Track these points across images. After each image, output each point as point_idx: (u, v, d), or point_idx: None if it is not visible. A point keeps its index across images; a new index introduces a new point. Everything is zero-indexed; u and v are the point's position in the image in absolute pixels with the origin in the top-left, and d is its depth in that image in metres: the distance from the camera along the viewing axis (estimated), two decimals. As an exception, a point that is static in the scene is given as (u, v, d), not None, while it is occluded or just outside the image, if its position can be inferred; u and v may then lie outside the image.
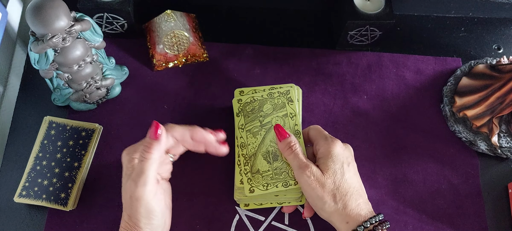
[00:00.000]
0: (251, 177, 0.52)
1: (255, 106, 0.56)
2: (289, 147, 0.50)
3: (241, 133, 0.54)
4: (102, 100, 0.61)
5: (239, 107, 0.56)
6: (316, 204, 0.49)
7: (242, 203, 0.54)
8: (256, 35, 0.68)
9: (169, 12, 0.62)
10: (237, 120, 0.55)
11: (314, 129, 0.54)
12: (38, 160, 0.56)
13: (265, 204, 0.54)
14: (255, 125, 0.54)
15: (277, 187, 0.50)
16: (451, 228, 0.56)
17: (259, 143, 0.53)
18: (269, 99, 0.56)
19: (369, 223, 0.46)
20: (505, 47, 0.70)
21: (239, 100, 0.56)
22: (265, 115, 0.55)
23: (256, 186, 0.51)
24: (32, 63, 0.51)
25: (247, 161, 0.53)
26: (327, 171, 0.48)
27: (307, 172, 0.48)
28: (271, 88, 0.57)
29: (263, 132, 0.54)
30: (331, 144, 0.50)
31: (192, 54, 0.64)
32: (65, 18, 0.48)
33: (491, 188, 0.59)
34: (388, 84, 0.65)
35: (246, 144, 0.54)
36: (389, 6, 0.62)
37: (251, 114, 0.55)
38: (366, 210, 0.48)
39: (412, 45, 0.69)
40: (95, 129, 0.58)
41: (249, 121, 0.55)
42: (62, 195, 0.54)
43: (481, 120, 0.59)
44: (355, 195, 0.48)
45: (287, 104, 0.55)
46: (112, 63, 0.60)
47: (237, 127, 0.55)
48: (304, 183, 0.48)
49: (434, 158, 0.60)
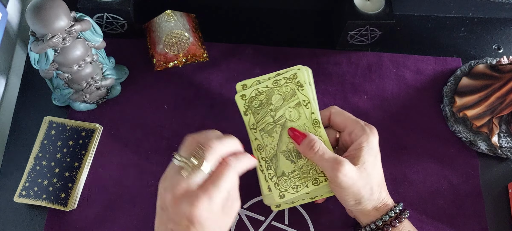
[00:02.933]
0: (277, 181, 0.47)
1: (262, 100, 0.49)
2: (311, 148, 0.46)
3: (254, 134, 0.49)
4: (102, 100, 0.61)
5: (245, 104, 0.49)
6: (350, 200, 0.46)
7: (273, 205, 0.51)
8: (256, 35, 0.68)
9: (169, 12, 0.62)
10: (247, 119, 0.49)
11: (339, 114, 0.49)
12: (38, 160, 0.56)
13: (297, 202, 0.51)
14: (268, 122, 0.49)
15: (308, 187, 0.47)
16: (451, 228, 0.56)
17: (277, 142, 0.48)
18: (276, 89, 0.49)
19: (393, 212, 0.46)
20: (505, 47, 0.69)
21: (243, 96, 0.50)
22: (276, 108, 0.49)
23: (286, 189, 0.47)
24: (32, 63, 0.51)
25: (268, 164, 0.48)
26: (363, 163, 0.45)
27: (341, 172, 0.43)
28: (276, 74, 0.50)
29: (278, 128, 0.48)
30: (371, 135, 0.46)
31: (192, 54, 0.64)
32: (65, 18, 0.48)
33: (491, 188, 0.59)
34: (388, 84, 0.65)
35: (263, 145, 0.48)
36: (389, 6, 0.62)
37: (260, 110, 0.49)
38: (389, 198, 0.48)
39: (412, 45, 0.69)
40: (95, 129, 0.58)
41: (259, 118, 0.49)
42: (62, 195, 0.54)
43: (481, 120, 0.59)
44: (383, 184, 0.48)
45: (297, 90, 0.49)
46: (112, 63, 0.60)
47: (248, 128, 0.49)
48: (339, 183, 0.44)
49: (434, 158, 0.60)
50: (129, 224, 0.54)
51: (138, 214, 0.55)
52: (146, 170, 0.57)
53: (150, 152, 0.59)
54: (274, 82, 0.50)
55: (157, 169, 0.57)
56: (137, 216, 0.55)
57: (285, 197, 0.47)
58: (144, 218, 0.55)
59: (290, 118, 0.49)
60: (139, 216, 0.55)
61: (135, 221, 0.55)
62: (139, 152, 0.59)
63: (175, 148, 0.59)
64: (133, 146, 0.59)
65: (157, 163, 0.58)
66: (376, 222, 0.46)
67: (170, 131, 0.60)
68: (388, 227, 0.46)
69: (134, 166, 0.58)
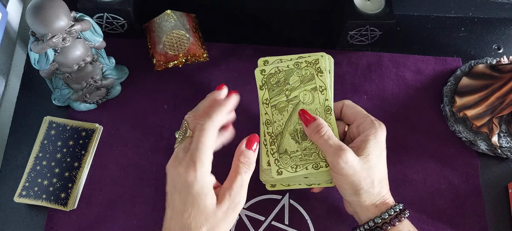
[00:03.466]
0: (278, 157, 0.48)
1: (280, 78, 0.50)
2: (317, 131, 0.46)
3: (265, 108, 0.49)
4: (102, 100, 0.61)
5: (263, 79, 0.50)
6: (348, 189, 0.46)
7: (268, 184, 0.52)
8: (256, 35, 0.68)
9: (169, 12, 0.62)
10: (261, 93, 0.50)
11: (351, 107, 0.50)
12: (38, 160, 0.56)
13: (293, 185, 0.51)
14: (281, 100, 0.49)
15: (307, 169, 0.47)
16: (451, 228, 0.56)
17: (286, 120, 0.49)
18: (296, 70, 0.50)
19: (393, 211, 0.46)
20: (505, 47, 0.70)
21: (262, 71, 0.51)
22: (292, 88, 0.50)
23: (285, 167, 0.47)
24: (32, 63, 0.51)
25: (273, 140, 0.48)
26: (367, 155, 0.45)
27: (342, 158, 0.44)
28: (299, 57, 0.51)
29: (290, 108, 0.49)
30: (379, 129, 0.47)
31: (192, 54, 0.64)
32: (65, 18, 0.48)
33: (491, 188, 0.59)
34: (388, 84, 0.65)
35: (272, 121, 0.49)
36: (389, 6, 0.62)
37: (276, 87, 0.50)
38: (390, 197, 0.48)
39: (412, 45, 0.69)
40: (95, 129, 0.58)
41: (274, 95, 0.50)
42: (62, 195, 0.54)
43: (481, 120, 0.59)
44: (386, 181, 0.48)
45: (316, 76, 0.50)
46: (112, 63, 0.60)
47: (261, 101, 0.50)
48: (340, 169, 0.45)
49: (434, 158, 0.60)
50: (129, 224, 0.54)
51: (138, 214, 0.55)
52: (146, 170, 0.57)
53: (150, 152, 0.59)
54: (295, 64, 0.51)
55: (157, 169, 0.57)
56: (137, 216, 0.55)
57: (283, 175, 0.47)
58: (144, 218, 0.55)
59: (304, 100, 0.49)
60: (139, 216, 0.55)
61: (135, 221, 0.55)
62: (139, 152, 0.59)
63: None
64: (133, 146, 0.59)
65: (157, 163, 0.58)
66: (375, 219, 0.46)
67: (170, 131, 0.60)
68: (387, 225, 0.46)
69: (134, 166, 0.58)
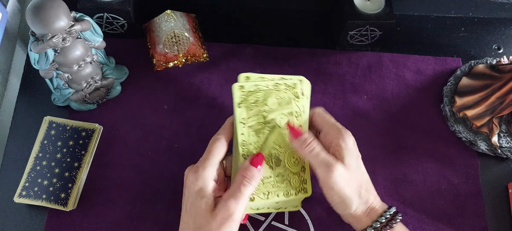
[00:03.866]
0: None
1: (259, 97, 0.48)
2: (306, 145, 0.45)
3: (242, 128, 0.47)
4: (102, 100, 0.61)
5: (242, 96, 0.48)
6: (340, 204, 0.45)
7: None
8: (256, 35, 0.68)
9: (169, 12, 0.62)
10: (239, 112, 0.48)
11: (319, 115, 0.49)
12: (38, 160, 0.56)
13: (262, 209, 0.50)
14: (259, 121, 0.48)
15: (278, 197, 0.46)
16: (451, 228, 0.56)
17: (262, 144, 0.47)
18: (275, 92, 0.49)
19: (384, 218, 0.45)
20: (505, 47, 0.69)
21: (241, 87, 0.48)
22: (270, 110, 0.48)
23: (257, 193, 0.46)
24: (32, 63, 0.51)
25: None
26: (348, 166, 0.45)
27: (336, 173, 0.43)
28: (280, 78, 0.50)
29: (267, 131, 0.47)
30: (346, 135, 0.46)
31: (192, 54, 0.64)
32: (65, 18, 0.48)
33: (491, 188, 0.59)
34: (388, 84, 0.65)
35: (247, 142, 0.47)
36: (389, 6, 0.62)
37: (254, 107, 0.48)
38: (378, 202, 0.47)
39: (412, 45, 0.69)
40: (95, 129, 0.58)
41: (251, 115, 0.48)
42: (62, 195, 0.54)
43: (481, 120, 0.59)
44: (370, 188, 0.47)
45: (293, 100, 0.49)
46: (112, 63, 0.60)
47: (238, 121, 0.47)
48: (333, 184, 0.44)
49: (434, 158, 0.60)
50: (129, 224, 0.54)
51: (138, 214, 0.55)
52: (146, 170, 0.57)
53: (150, 152, 0.59)
54: (275, 84, 0.49)
55: (157, 169, 0.57)
56: (137, 216, 0.55)
57: (255, 201, 0.46)
58: (144, 218, 0.55)
59: (280, 124, 0.48)
60: (139, 216, 0.55)
61: (135, 221, 0.54)
62: (139, 152, 0.59)
63: (175, 148, 0.59)
64: (133, 146, 0.59)
65: (157, 163, 0.58)
66: (367, 229, 0.46)
67: (170, 131, 0.60)
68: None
69: (134, 166, 0.58)
